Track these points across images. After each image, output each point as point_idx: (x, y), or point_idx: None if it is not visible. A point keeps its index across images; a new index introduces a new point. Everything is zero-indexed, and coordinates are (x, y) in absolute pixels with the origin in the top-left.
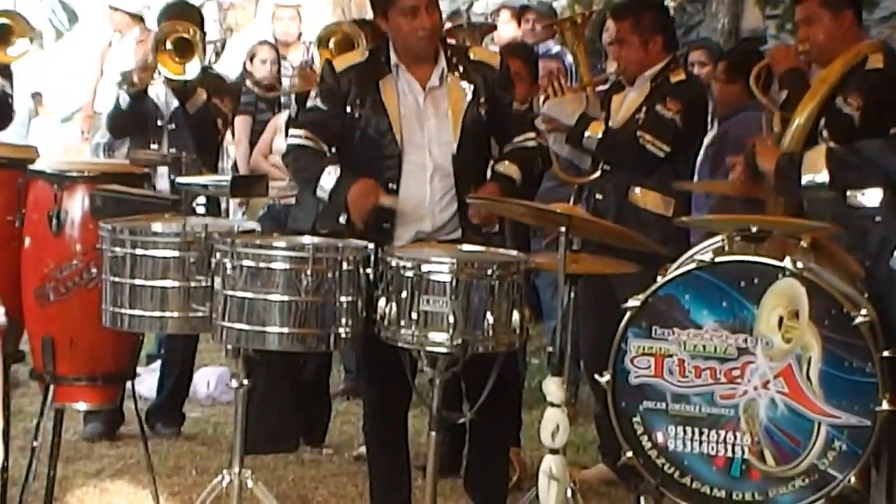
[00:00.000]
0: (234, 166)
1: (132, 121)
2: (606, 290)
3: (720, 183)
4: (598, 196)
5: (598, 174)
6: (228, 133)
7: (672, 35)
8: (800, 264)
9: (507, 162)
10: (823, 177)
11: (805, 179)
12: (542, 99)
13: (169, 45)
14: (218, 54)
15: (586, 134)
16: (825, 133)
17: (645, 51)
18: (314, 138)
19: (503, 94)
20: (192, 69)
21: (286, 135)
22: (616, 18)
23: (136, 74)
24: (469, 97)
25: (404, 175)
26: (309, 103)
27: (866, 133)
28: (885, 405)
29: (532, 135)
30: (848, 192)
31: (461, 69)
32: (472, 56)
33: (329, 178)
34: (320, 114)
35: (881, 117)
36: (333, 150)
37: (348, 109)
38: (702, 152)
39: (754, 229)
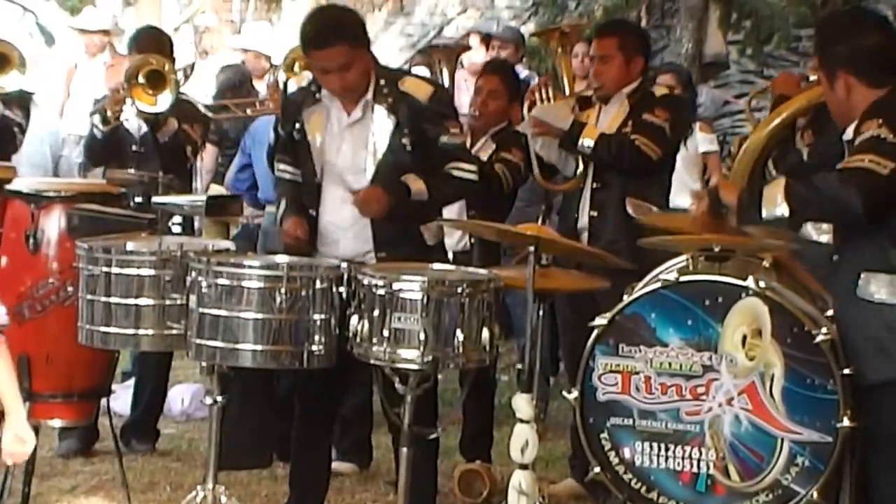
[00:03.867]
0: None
1: (108, 149)
2: (590, 303)
3: (682, 216)
4: (593, 213)
5: (581, 182)
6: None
7: (648, 59)
8: (762, 283)
9: (414, 176)
10: (783, 210)
11: (766, 212)
12: (526, 106)
13: (141, 79)
14: (187, 77)
15: (582, 140)
16: (772, 168)
17: (626, 70)
18: (290, 171)
19: (429, 128)
20: (165, 101)
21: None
22: (601, 36)
23: (109, 108)
24: (391, 129)
25: (323, 202)
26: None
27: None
28: (845, 422)
29: (464, 165)
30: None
31: (389, 100)
32: (401, 86)
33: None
34: (283, 138)
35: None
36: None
37: (293, 130)
38: None
39: (717, 249)
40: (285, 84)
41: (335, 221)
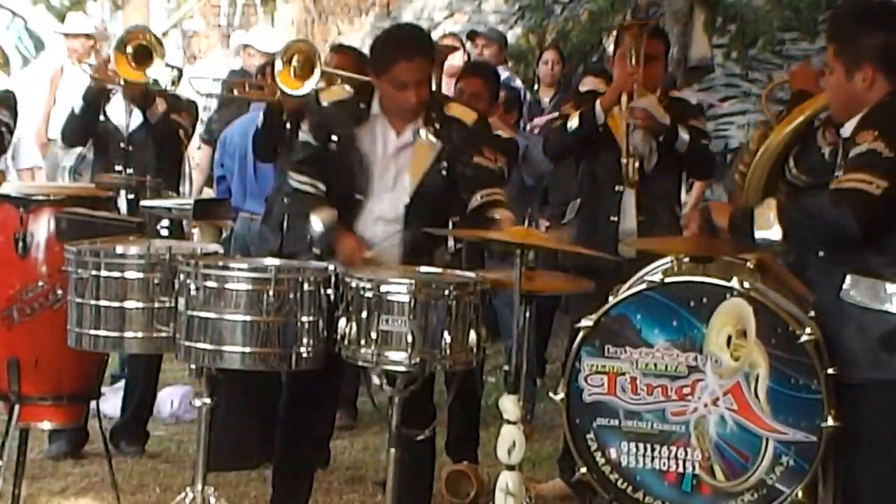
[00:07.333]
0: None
1: (85, 128)
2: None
3: (675, 240)
4: (641, 218)
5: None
6: (189, 159)
7: None
8: (747, 284)
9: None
10: (776, 234)
11: (758, 235)
12: (625, 96)
13: (129, 49)
14: (174, 82)
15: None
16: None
17: (665, 70)
18: (312, 183)
19: (471, 150)
20: (153, 72)
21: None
22: (656, 37)
23: (95, 76)
24: (436, 153)
25: (360, 217)
26: (301, 136)
27: None
28: (829, 421)
29: (495, 190)
30: None
31: (436, 125)
32: (447, 110)
33: (316, 226)
34: (312, 149)
35: None
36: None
37: (327, 143)
38: None
39: None
40: (317, 95)
41: (367, 237)
